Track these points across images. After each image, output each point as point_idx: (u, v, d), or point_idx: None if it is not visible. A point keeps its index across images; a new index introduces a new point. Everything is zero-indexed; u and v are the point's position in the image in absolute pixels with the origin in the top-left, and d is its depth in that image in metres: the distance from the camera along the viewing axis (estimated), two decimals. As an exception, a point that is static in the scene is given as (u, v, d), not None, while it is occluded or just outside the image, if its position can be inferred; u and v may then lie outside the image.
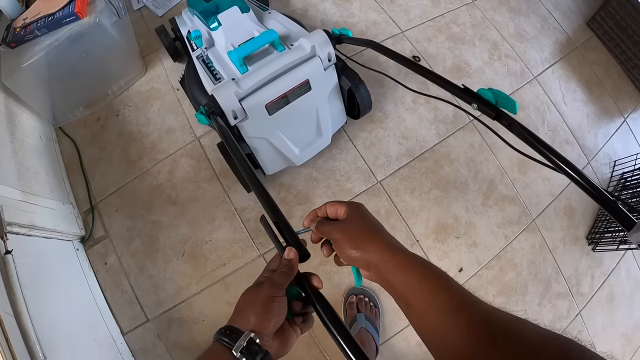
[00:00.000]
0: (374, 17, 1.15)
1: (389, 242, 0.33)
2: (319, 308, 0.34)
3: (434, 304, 0.28)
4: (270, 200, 0.44)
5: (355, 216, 0.36)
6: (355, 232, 0.35)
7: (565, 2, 1.36)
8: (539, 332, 0.25)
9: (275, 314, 0.33)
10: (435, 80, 0.59)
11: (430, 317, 0.28)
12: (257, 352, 0.30)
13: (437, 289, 0.29)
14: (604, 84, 1.28)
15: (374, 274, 0.34)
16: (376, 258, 0.33)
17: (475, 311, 0.27)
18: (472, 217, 0.99)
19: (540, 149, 0.48)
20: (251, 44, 0.77)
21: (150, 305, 0.89)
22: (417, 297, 0.30)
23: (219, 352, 0.31)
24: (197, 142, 0.98)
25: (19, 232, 0.75)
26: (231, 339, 0.30)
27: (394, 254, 0.32)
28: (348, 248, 0.34)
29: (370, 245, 0.33)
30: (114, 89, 1.05)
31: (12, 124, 0.91)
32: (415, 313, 0.30)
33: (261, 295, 0.33)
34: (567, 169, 0.45)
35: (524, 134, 0.49)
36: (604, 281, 1.10)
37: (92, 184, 0.98)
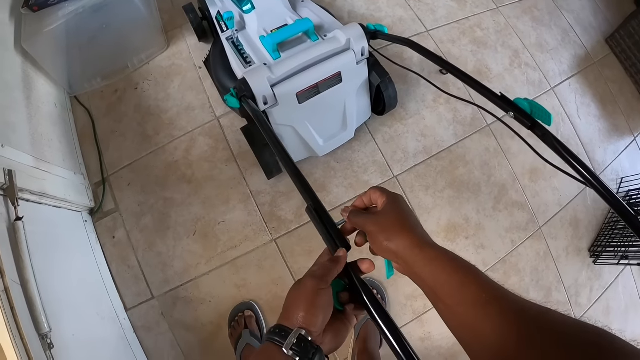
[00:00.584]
0: (400, 14, 1.16)
1: (419, 237, 0.34)
2: (365, 298, 0.34)
3: (464, 297, 0.29)
4: (309, 189, 0.43)
5: (391, 208, 0.36)
6: (389, 224, 0.35)
7: (586, 17, 1.39)
8: (570, 322, 0.25)
9: (321, 308, 0.32)
10: (473, 86, 0.59)
11: (460, 310, 0.29)
12: (308, 349, 0.30)
13: (467, 282, 0.29)
14: (618, 101, 1.32)
15: (404, 267, 0.34)
16: (405, 251, 0.33)
17: (506, 303, 0.27)
18: (482, 220, 1.02)
19: (572, 162, 0.49)
20: (286, 31, 0.78)
21: (157, 283, 0.90)
22: (446, 291, 0.30)
23: (271, 352, 0.31)
24: (217, 122, 0.99)
25: (29, 199, 0.75)
26: (281, 337, 0.30)
27: (422, 248, 0.32)
28: (380, 240, 0.35)
29: (400, 238, 0.34)
30: (134, 61, 1.04)
31: (28, 89, 0.91)
32: (445, 306, 0.30)
33: (305, 291, 0.33)
34: (595, 184, 0.47)
35: (557, 146, 0.51)
36: (602, 294, 1.13)
37: (105, 156, 0.98)
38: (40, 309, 0.62)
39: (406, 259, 0.33)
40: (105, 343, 0.81)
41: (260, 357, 0.32)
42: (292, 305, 0.33)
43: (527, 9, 1.29)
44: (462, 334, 0.29)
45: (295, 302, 0.33)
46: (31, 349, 0.56)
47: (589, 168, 0.49)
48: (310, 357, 0.30)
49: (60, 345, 0.63)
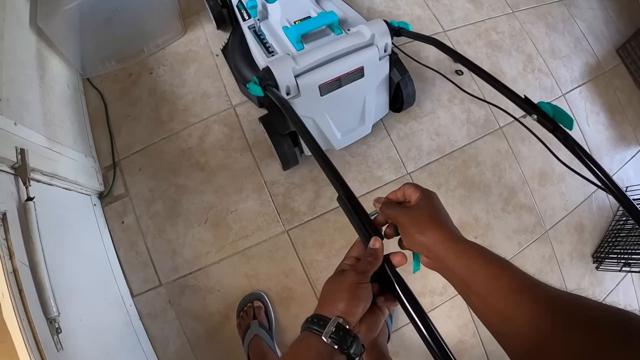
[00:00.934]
0: (418, 13, 1.17)
1: (451, 231, 0.34)
2: (400, 292, 0.34)
3: (497, 287, 0.29)
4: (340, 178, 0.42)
5: (425, 203, 0.37)
6: (421, 218, 0.36)
7: (599, 27, 1.41)
8: (601, 307, 0.26)
9: (362, 300, 0.33)
10: (498, 87, 0.60)
11: (493, 299, 0.29)
12: (346, 337, 0.31)
13: (499, 273, 0.30)
14: (626, 111, 1.34)
15: (434, 261, 0.35)
16: (437, 245, 0.34)
17: (537, 291, 0.28)
18: (491, 220, 1.03)
19: (592, 167, 0.51)
20: (311, 23, 0.78)
21: (165, 270, 0.89)
22: (479, 281, 0.31)
23: (310, 340, 0.31)
24: (233, 111, 0.99)
25: (40, 179, 0.74)
26: (319, 326, 0.31)
27: (454, 242, 0.33)
28: (412, 232, 0.35)
29: (432, 232, 0.34)
30: (150, 46, 1.03)
31: (42, 68, 0.90)
32: (477, 297, 0.31)
33: (347, 283, 0.34)
34: (612, 189, 0.49)
35: (577, 150, 0.52)
36: (603, 300, 1.15)
37: (117, 140, 0.97)
38: (49, 293, 0.61)
39: (438, 252, 0.34)
40: (111, 329, 0.80)
41: (299, 345, 0.32)
42: (333, 297, 0.34)
43: (541, 15, 1.31)
44: (494, 321, 0.29)
45: (335, 294, 0.34)
46: (39, 333, 0.55)
47: (605, 172, 0.50)
48: (348, 344, 0.31)
49: (68, 330, 0.62)
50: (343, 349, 0.31)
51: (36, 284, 0.61)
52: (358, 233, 0.39)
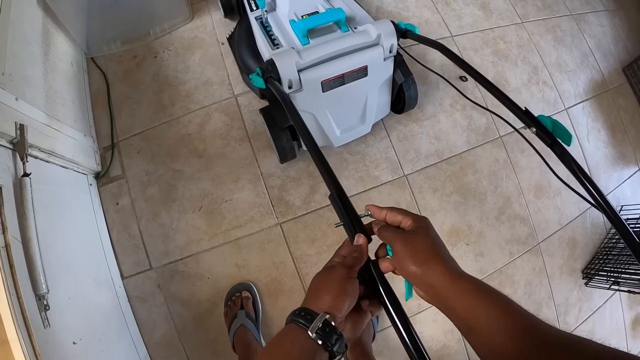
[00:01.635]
0: (427, 16, 1.18)
1: (451, 266, 0.33)
2: (384, 296, 0.35)
3: (499, 330, 0.29)
4: (333, 176, 0.43)
5: (422, 232, 0.35)
6: (420, 248, 0.34)
7: (607, 44, 1.42)
8: (607, 351, 0.25)
9: (349, 295, 0.34)
10: (499, 97, 0.60)
11: (495, 342, 0.29)
12: (332, 334, 0.31)
13: (502, 315, 0.29)
14: (628, 131, 1.36)
15: (433, 297, 0.34)
16: (438, 282, 0.32)
17: (541, 335, 0.28)
18: (484, 228, 1.04)
19: (587, 185, 0.51)
20: (318, 18, 0.79)
21: (156, 254, 0.90)
22: (480, 323, 0.30)
23: (294, 334, 0.31)
24: (234, 100, 0.99)
25: (38, 156, 0.75)
26: (306, 320, 0.31)
27: (455, 279, 0.32)
28: (410, 264, 0.34)
29: (433, 267, 0.33)
30: (157, 30, 1.04)
31: (46, 44, 0.90)
32: (479, 337, 0.30)
33: (335, 277, 0.34)
34: (606, 209, 0.49)
35: (574, 167, 0.52)
36: (590, 316, 1.17)
37: (117, 122, 0.98)
38: (39, 269, 0.62)
39: (438, 289, 0.32)
40: (99, 309, 0.81)
41: (283, 338, 0.32)
42: (321, 290, 0.34)
43: (550, 28, 1.32)
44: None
45: (323, 287, 0.34)
46: (27, 309, 0.55)
47: (600, 191, 0.50)
48: (333, 342, 0.31)
49: (56, 308, 0.63)
50: (327, 346, 0.31)
51: (27, 260, 0.62)
52: (347, 232, 0.39)
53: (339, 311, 0.33)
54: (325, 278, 0.35)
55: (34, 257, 0.62)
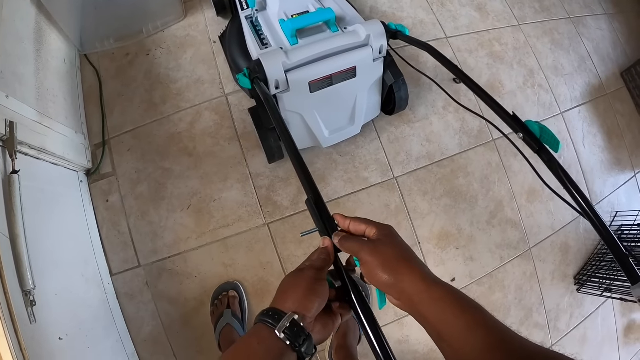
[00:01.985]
0: (422, 16, 1.18)
1: (422, 272, 0.33)
2: (354, 299, 0.35)
3: (470, 341, 0.28)
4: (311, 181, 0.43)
5: (389, 241, 0.35)
6: (389, 257, 0.34)
7: (605, 48, 1.41)
8: None
9: (318, 296, 0.34)
10: (487, 101, 0.60)
11: (465, 353, 0.28)
12: (300, 334, 0.31)
13: (474, 325, 0.29)
14: (624, 136, 1.35)
15: (406, 304, 0.33)
16: (410, 288, 0.32)
17: (513, 349, 0.27)
18: (474, 232, 1.04)
19: (572, 191, 0.50)
20: (307, 18, 0.79)
21: (145, 252, 0.91)
22: (452, 332, 0.29)
23: (262, 334, 0.31)
24: (225, 99, 1.00)
25: (28, 153, 0.75)
26: (274, 320, 0.31)
27: (428, 286, 0.32)
28: (380, 273, 0.33)
29: (404, 274, 0.32)
30: (149, 27, 1.04)
31: (39, 42, 0.91)
32: (449, 348, 0.30)
33: (304, 278, 0.35)
34: (592, 217, 0.49)
35: (560, 174, 0.51)
36: (581, 322, 1.16)
37: (109, 119, 0.99)
38: (26, 265, 0.62)
39: (411, 296, 0.32)
40: (87, 306, 0.82)
41: (251, 338, 0.32)
42: (289, 290, 0.34)
43: (548, 31, 1.31)
44: None
45: (293, 287, 0.34)
46: (13, 304, 0.56)
47: (588, 200, 0.50)
48: (300, 342, 0.31)
49: (42, 303, 0.64)
50: (295, 346, 0.31)
51: (14, 255, 0.62)
52: (322, 237, 0.40)
53: (307, 311, 0.33)
54: (294, 279, 0.35)
55: (21, 253, 0.63)
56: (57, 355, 0.67)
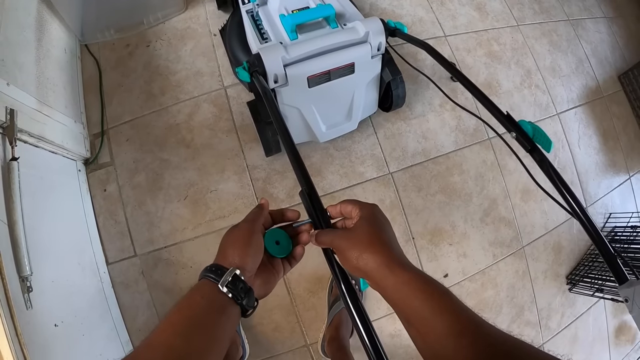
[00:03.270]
0: (421, 14, 1.19)
1: (391, 256, 0.33)
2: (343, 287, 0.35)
3: (436, 326, 0.28)
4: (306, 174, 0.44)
5: (363, 223, 0.35)
6: (359, 240, 0.34)
7: (603, 51, 1.43)
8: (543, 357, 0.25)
9: (253, 248, 0.36)
10: (481, 100, 0.61)
11: (432, 338, 0.28)
12: (242, 288, 0.33)
13: (439, 311, 0.29)
14: (620, 138, 1.37)
15: (375, 288, 0.34)
16: (375, 272, 0.32)
17: (479, 335, 0.27)
18: (468, 229, 1.06)
19: (564, 191, 0.52)
20: (307, 14, 0.80)
21: (141, 241, 0.93)
22: (417, 317, 0.29)
23: (206, 288, 0.33)
24: (223, 92, 1.01)
25: (27, 140, 0.77)
26: (217, 275, 0.33)
27: (392, 270, 0.31)
28: (348, 257, 0.34)
29: (370, 258, 0.33)
30: (150, 19, 1.06)
31: (40, 31, 0.92)
32: (416, 332, 0.30)
33: (239, 233, 0.36)
34: (582, 218, 0.50)
35: (552, 174, 0.53)
36: (572, 322, 1.19)
37: (108, 109, 1.00)
38: (24, 251, 0.64)
39: (376, 280, 0.32)
40: (83, 293, 0.83)
41: (194, 293, 0.33)
42: (228, 246, 0.36)
43: (546, 32, 1.33)
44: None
45: (231, 243, 0.36)
46: (10, 289, 0.57)
47: (579, 201, 0.51)
48: (242, 296, 0.33)
49: (39, 290, 0.65)
50: (237, 299, 0.33)
51: (12, 241, 0.64)
52: (314, 228, 0.41)
53: (247, 264, 0.34)
54: (231, 235, 0.37)
55: (19, 239, 0.65)
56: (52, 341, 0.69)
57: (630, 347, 1.29)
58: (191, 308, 0.32)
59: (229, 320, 0.33)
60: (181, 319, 0.31)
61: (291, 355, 0.93)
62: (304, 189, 0.42)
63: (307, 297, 0.94)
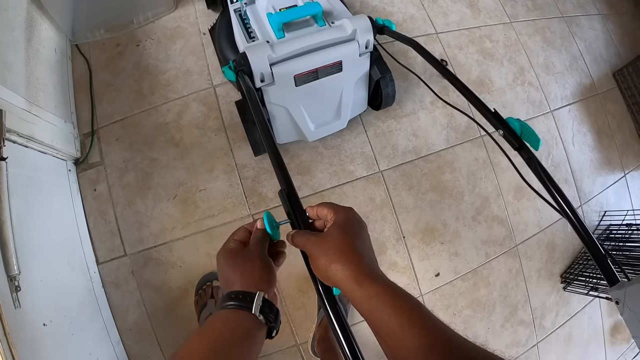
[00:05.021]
0: (412, 12, 1.19)
1: (358, 268, 0.31)
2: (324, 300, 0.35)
3: (405, 339, 0.28)
4: (285, 172, 0.45)
5: (336, 229, 0.34)
6: (329, 248, 0.33)
7: (598, 48, 1.43)
8: None
9: (273, 271, 0.37)
10: (469, 97, 0.61)
11: (401, 352, 0.28)
12: (272, 310, 0.32)
13: (408, 325, 0.28)
14: (615, 136, 1.36)
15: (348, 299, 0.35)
16: (342, 284, 0.32)
17: (450, 349, 0.27)
18: (460, 228, 1.06)
19: (552, 190, 0.51)
20: (294, 12, 0.80)
21: (131, 241, 0.93)
22: (386, 331, 0.29)
23: (239, 317, 0.31)
24: (212, 91, 1.01)
25: (16, 141, 0.77)
26: (246, 302, 0.32)
27: (360, 283, 0.30)
28: (319, 266, 0.33)
29: (338, 269, 0.32)
30: (140, 18, 1.06)
31: (30, 31, 0.92)
32: (386, 345, 0.29)
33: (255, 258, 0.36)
34: (571, 217, 0.49)
35: (540, 172, 0.52)
36: (567, 321, 1.18)
37: (98, 109, 1.00)
38: (12, 251, 0.64)
39: (345, 292, 0.32)
40: (73, 293, 0.83)
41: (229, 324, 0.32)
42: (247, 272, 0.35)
43: (540, 29, 1.33)
44: None
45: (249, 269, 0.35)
46: None
47: (567, 200, 0.50)
48: (274, 317, 0.33)
49: (28, 289, 0.66)
50: (270, 322, 0.32)
51: (0, 241, 0.64)
52: (292, 228, 0.41)
53: (270, 287, 0.35)
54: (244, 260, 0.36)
55: (7, 239, 0.65)
56: (41, 340, 0.69)
57: (626, 345, 1.28)
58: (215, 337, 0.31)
59: (254, 344, 0.32)
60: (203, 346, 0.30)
61: (281, 355, 0.93)
62: (283, 189, 0.43)
63: (296, 297, 0.94)
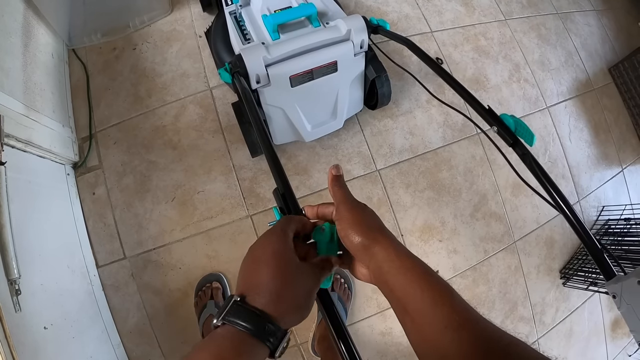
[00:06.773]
0: (407, 11, 1.20)
1: (395, 241, 0.32)
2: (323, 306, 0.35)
3: (435, 317, 0.28)
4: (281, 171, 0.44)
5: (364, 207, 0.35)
6: (365, 219, 0.33)
7: (593, 43, 1.43)
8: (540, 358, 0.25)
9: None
10: (463, 95, 0.62)
11: (429, 329, 0.28)
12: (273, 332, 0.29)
13: (440, 301, 0.28)
14: (611, 131, 1.37)
15: (374, 272, 0.32)
16: (381, 254, 0.31)
17: (477, 330, 0.27)
18: (458, 225, 1.06)
19: (547, 186, 0.51)
20: (288, 13, 0.81)
21: (130, 243, 0.93)
22: (416, 306, 0.29)
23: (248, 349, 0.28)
24: (209, 93, 1.02)
25: (15, 145, 0.78)
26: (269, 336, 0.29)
27: (399, 255, 0.31)
28: (354, 232, 0.32)
29: (377, 239, 0.32)
30: (136, 22, 1.07)
31: (27, 36, 0.93)
32: (412, 322, 0.29)
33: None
34: (566, 210, 0.50)
35: (535, 168, 0.52)
36: (567, 316, 1.19)
37: (95, 113, 1.01)
38: (12, 255, 0.65)
39: (381, 262, 0.31)
40: (73, 296, 0.84)
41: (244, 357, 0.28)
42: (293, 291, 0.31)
43: (534, 26, 1.34)
44: (426, 352, 0.28)
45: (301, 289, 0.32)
46: None
47: (562, 195, 0.50)
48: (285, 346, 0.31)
49: (28, 293, 0.66)
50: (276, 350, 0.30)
51: (0, 245, 0.65)
52: None
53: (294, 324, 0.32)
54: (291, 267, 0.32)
55: (6, 243, 0.66)
56: (42, 343, 0.69)
57: (627, 339, 1.29)
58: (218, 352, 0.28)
59: None
60: None
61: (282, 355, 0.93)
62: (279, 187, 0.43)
63: (296, 296, 0.95)
